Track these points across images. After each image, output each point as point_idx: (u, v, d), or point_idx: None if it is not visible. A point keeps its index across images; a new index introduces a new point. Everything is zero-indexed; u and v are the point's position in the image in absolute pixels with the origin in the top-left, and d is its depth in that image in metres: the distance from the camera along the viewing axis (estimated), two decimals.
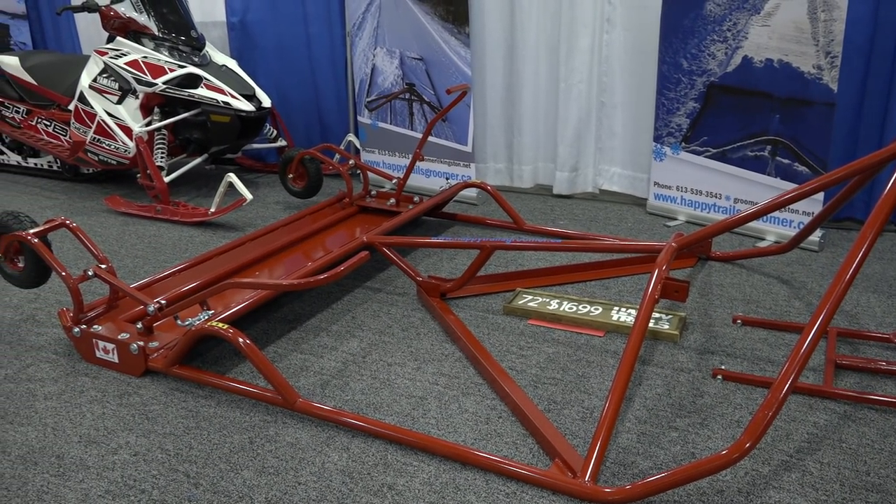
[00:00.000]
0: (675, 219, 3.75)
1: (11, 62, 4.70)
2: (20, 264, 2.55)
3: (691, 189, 3.67)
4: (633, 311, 2.67)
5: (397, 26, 4.10)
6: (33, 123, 4.66)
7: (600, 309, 2.70)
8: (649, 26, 3.69)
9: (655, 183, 3.80)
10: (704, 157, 3.57)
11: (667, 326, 2.55)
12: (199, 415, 2.13)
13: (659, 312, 2.64)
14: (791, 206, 3.33)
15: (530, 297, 2.81)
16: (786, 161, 3.31)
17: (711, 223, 3.55)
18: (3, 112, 4.80)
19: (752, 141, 3.40)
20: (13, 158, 5.00)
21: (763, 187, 3.42)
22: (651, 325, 2.55)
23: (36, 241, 2.41)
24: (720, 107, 3.45)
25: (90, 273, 2.44)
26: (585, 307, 2.72)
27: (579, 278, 3.03)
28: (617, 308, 2.70)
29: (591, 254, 3.27)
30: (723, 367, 2.30)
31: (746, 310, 2.72)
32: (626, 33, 3.83)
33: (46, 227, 2.47)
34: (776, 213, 3.37)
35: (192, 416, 2.13)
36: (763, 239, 3.43)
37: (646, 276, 3.04)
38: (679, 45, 3.50)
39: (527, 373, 2.33)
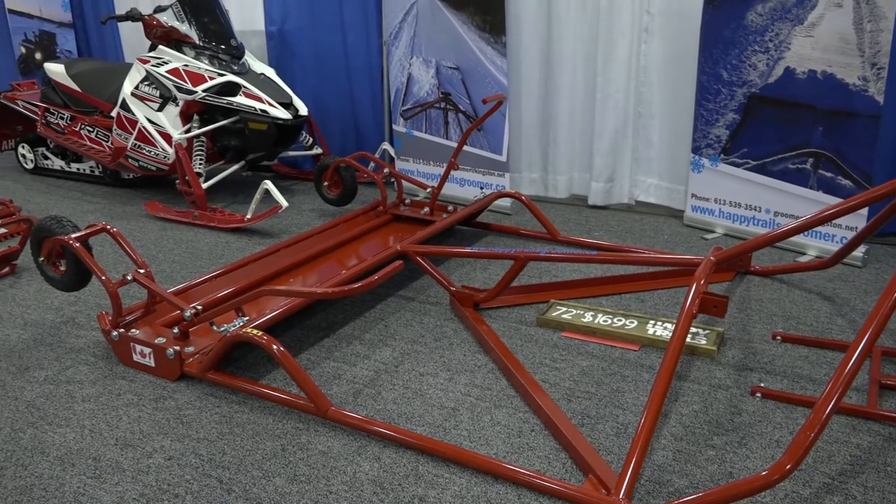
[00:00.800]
0: (713, 231, 3.69)
1: (57, 70, 4.82)
2: (62, 268, 2.60)
3: (730, 201, 3.60)
4: (670, 326, 2.63)
5: (434, 36, 4.11)
6: (77, 129, 4.76)
7: (635, 322, 2.67)
8: (688, 36, 3.65)
9: (693, 195, 3.74)
10: (744, 169, 3.51)
11: (704, 342, 2.50)
12: (232, 420, 2.15)
13: (696, 327, 2.60)
14: (834, 221, 3.25)
15: (564, 309, 2.79)
16: (828, 174, 3.24)
17: (750, 236, 3.50)
18: (49, 118, 4.92)
19: (793, 153, 3.33)
20: (57, 163, 5.12)
21: (804, 201, 3.34)
22: (688, 339, 2.50)
23: (77, 245, 2.45)
24: (761, 118, 3.39)
25: (129, 277, 2.48)
26: (620, 320, 2.69)
27: (614, 290, 3.00)
28: (653, 322, 2.66)
29: (627, 266, 3.23)
30: (762, 385, 2.24)
31: (787, 326, 2.66)
32: (664, 43, 3.79)
33: (88, 231, 2.51)
34: (818, 228, 3.30)
35: (225, 421, 2.15)
36: (804, 253, 3.36)
37: (682, 289, 2.99)
38: (719, 55, 3.45)
39: (560, 386, 2.30)
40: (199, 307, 2.41)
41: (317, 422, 2.13)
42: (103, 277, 2.43)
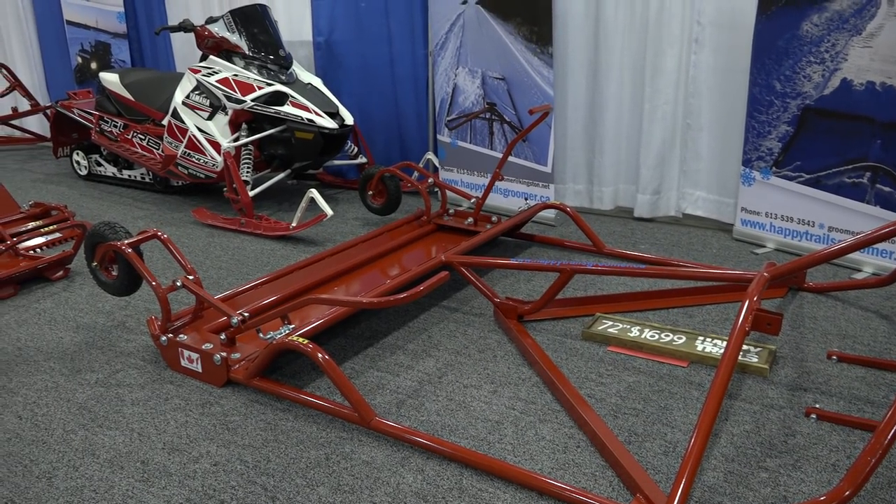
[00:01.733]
0: (764, 246, 3.60)
1: (112, 79, 4.95)
2: (114, 273, 2.65)
3: (782, 216, 3.52)
4: (719, 342, 2.57)
5: (480, 46, 4.11)
6: (129, 137, 4.88)
7: (684, 338, 2.61)
8: (740, 47, 3.58)
9: (743, 208, 3.66)
10: (797, 182, 3.42)
11: (755, 359, 2.43)
12: (277, 428, 2.16)
13: (747, 344, 2.53)
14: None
15: (610, 323, 2.74)
16: (887, 189, 3.14)
17: (802, 252, 3.41)
18: (103, 126, 5.05)
19: (849, 167, 3.24)
20: (109, 170, 5.25)
21: (861, 216, 3.24)
22: (738, 357, 2.44)
23: (129, 251, 2.50)
24: (815, 131, 3.30)
25: (178, 284, 2.52)
26: (668, 335, 2.63)
27: (662, 305, 2.94)
28: (702, 338, 2.60)
29: (675, 280, 3.17)
30: (817, 406, 2.17)
31: (842, 345, 2.58)
32: (714, 54, 3.73)
33: (139, 238, 2.56)
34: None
35: (270, 428, 2.16)
36: (860, 270, 3.25)
37: (732, 305, 2.92)
38: (772, 66, 3.37)
39: (606, 401, 2.26)
40: (246, 314, 2.44)
41: (360, 431, 2.13)
42: (154, 283, 2.47)
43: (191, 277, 2.53)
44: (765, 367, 2.38)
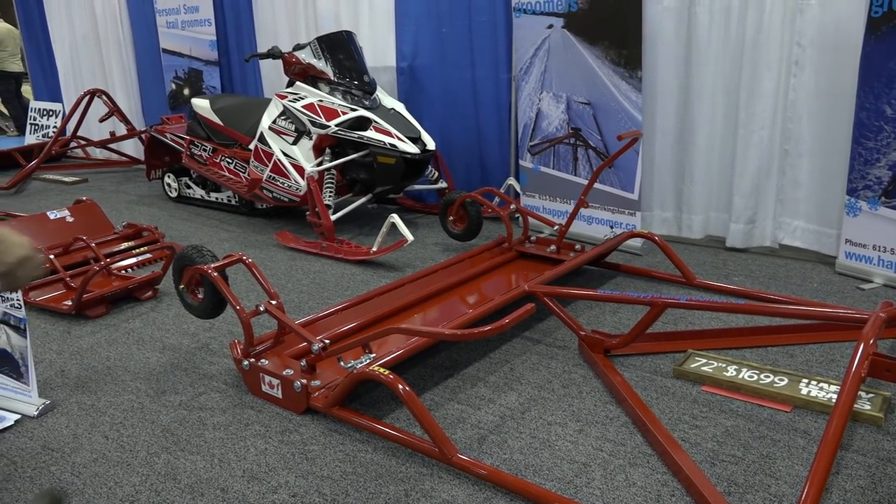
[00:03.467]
0: (871, 281, 3.35)
1: (203, 104, 5.11)
2: (200, 296, 2.68)
3: (892, 249, 3.27)
4: (826, 386, 2.37)
5: (565, 70, 4.03)
6: (217, 161, 5.01)
7: (786, 380, 2.43)
8: (844, 69, 3.38)
9: (847, 240, 3.43)
10: None
11: (868, 407, 2.23)
12: (356, 460, 2.11)
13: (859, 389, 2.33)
14: None
15: (704, 361, 2.59)
16: None
17: None
18: (193, 150, 5.21)
19: None
20: (198, 192, 5.41)
21: None
22: None
23: (215, 275, 2.52)
24: None
25: (261, 308, 2.52)
26: (768, 376, 2.46)
27: (760, 342, 2.76)
28: (806, 380, 2.42)
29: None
30: None
31: None
32: (816, 77, 3.53)
33: (225, 262, 2.58)
34: None
35: (349, 460, 2.11)
36: None
37: (837, 345, 2.71)
38: (882, 89, 3.16)
39: (702, 447, 2.12)
40: (327, 341, 2.41)
41: (441, 467, 2.05)
42: (237, 307, 2.47)
43: (273, 302, 2.52)
44: (879, 416, 2.18)
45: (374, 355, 2.37)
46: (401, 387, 2.07)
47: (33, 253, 1.46)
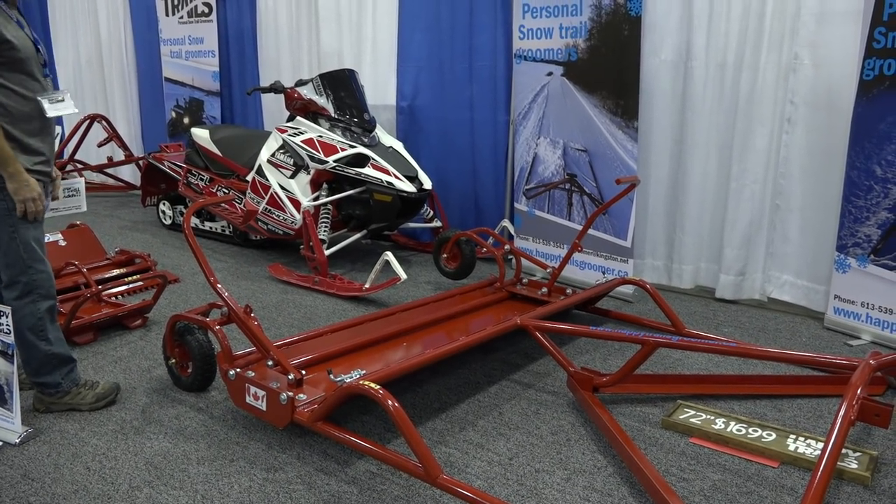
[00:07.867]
0: (859, 337, 3.38)
1: (203, 134, 5.15)
2: (188, 370, 2.76)
3: (880, 307, 3.30)
4: (813, 443, 2.38)
5: (563, 117, 4.09)
6: (213, 190, 5.03)
7: (774, 435, 2.43)
8: (836, 129, 3.45)
9: (836, 296, 3.46)
10: None
11: (855, 465, 2.24)
12: (341, 501, 2.09)
13: (845, 448, 2.33)
14: None
15: (693, 412, 2.59)
16: None
17: None
18: (190, 178, 5.23)
19: None
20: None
21: None
22: None
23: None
24: None
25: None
26: (756, 431, 2.46)
27: (748, 391, 2.77)
28: (794, 436, 2.42)
29: (763, 365, 3.00)
30: None
31: None
32: (808, 134, 3.60)
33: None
34: None
35: (334, 501, 2.09)
36: None
37: (825, 401, 2.71)
38: (872, 150, 3.22)
39: (690, 500, 2.11)
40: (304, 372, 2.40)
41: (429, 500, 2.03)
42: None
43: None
44: (866, 475, 2.18)
45: (364, 372, 2.34)
46: (390, 403, 2.04)
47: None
